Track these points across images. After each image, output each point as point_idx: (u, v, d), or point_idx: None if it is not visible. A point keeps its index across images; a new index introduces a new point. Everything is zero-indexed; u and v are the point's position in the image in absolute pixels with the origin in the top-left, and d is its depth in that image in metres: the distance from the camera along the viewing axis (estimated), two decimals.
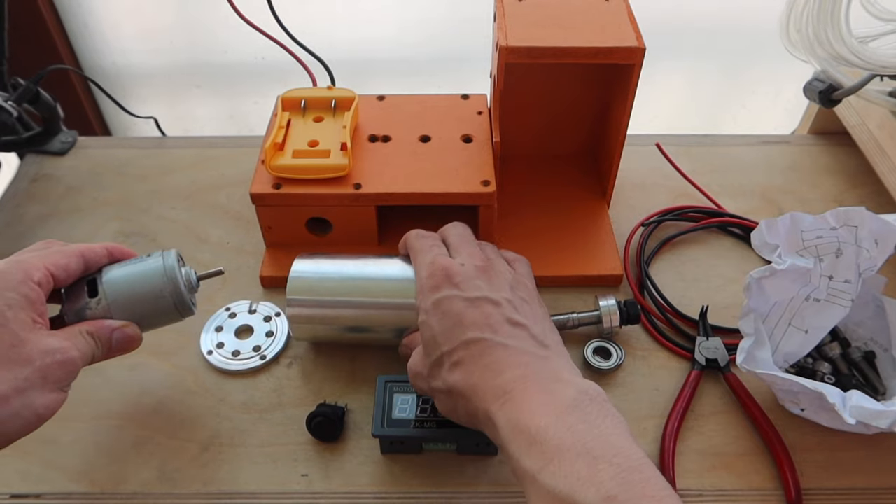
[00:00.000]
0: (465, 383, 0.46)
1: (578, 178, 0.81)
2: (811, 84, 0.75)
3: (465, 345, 0.47)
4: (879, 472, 0.58)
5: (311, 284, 0.60)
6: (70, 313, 0.51)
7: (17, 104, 0.79)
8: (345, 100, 0.74)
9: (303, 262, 0.62)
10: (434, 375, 0.49)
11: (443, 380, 0.48)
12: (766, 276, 0.59)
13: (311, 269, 0.61)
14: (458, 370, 0.47)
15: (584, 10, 0.68)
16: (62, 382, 0.45)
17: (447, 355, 0.48)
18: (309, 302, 0.60)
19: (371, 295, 0.59)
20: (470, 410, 0.46)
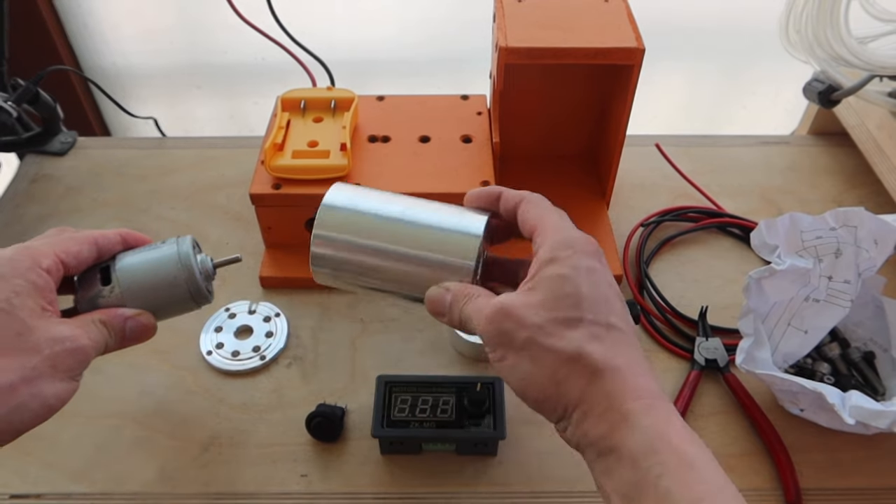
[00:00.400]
0: (605, 361, 0.40)
1: (578, 179, 0.81)
2: (810, 84, 0.76)
3: (608, 327, 0.41)
4: (879, 473, 0.58)
5: (346, 219, 0.49)
6: (83, 302, 0.49)
7: (16, 105, 0.79)
8: (344, 100, 0.74)
9: (341, 190, 0.50)
10: (556, 333, 0.40)
11: (573, 343, 0.40)
12: (765, 276, 0.59)
13: (349, 199, 0.49)
14: (598, 343, 0.40)
15: (583, 11, 0.68)
16: (73, 371, 0.43)
17: (590, 323, 0.41)
18: (341, 243, 0.48)
19: (421, 247, 0.47)
20: (579, 387, 0.40)
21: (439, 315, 0.46)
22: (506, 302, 0.42)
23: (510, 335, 0.41)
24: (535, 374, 0.41)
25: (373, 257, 0.48)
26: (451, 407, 0.57)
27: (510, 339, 0.41)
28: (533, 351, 0.41)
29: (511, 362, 0.41)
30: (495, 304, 0.42)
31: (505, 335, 0.41)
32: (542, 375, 0.41)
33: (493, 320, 0.42)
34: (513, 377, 0.41)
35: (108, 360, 0.54)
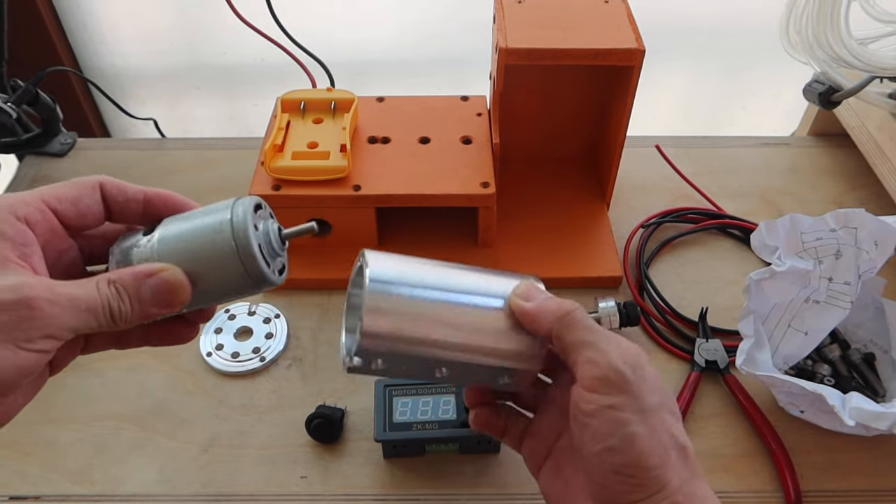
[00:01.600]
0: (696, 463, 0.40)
1: (578, 180, 0.81)
2: (811, 86, 0.75)
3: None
4: (879, 474, 0.58)
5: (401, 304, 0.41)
6: (115, 254, 0.39)
7: (16, 106, 0.79)
8: (344, 101, 0.74)
9: (381, 260, 0.42)
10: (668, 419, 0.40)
11: (681, 435, 0.40)
12: (765, 277, 0.59)
13: (397, 274, 0.42)
14: (688, 442, 0.40)
15: (583, 12, 0.68)
16: (13, 333, 0.32)
17: (679, 417, 0.41)
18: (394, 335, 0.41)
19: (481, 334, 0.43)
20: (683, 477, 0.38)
21: (526, 299, 0.42)
22: (644, 356, 0.40)
23: (642, 391, 0.38)
24: (649, 441, 0.38)
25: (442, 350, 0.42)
26: (452, 407, 0.57)
27: (640, 394, 0.38)
28: (656, 420, 0.38)
29: (628, 416, 0.38)
30: (636, 351, 0.40)
31: (637, 389, 0.38)
32: (655, 445, 0.38)
33: (636, 365, 0.39)
34: (619, 430, 0.38)
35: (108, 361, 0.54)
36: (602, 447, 0.38)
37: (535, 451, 0.46)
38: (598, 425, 0.38)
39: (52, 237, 0.37)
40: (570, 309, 0.41)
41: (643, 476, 0.38)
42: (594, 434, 0.38)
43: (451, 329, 0.42)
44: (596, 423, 0.38)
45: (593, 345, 0.40)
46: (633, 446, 0.38)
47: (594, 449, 0.38)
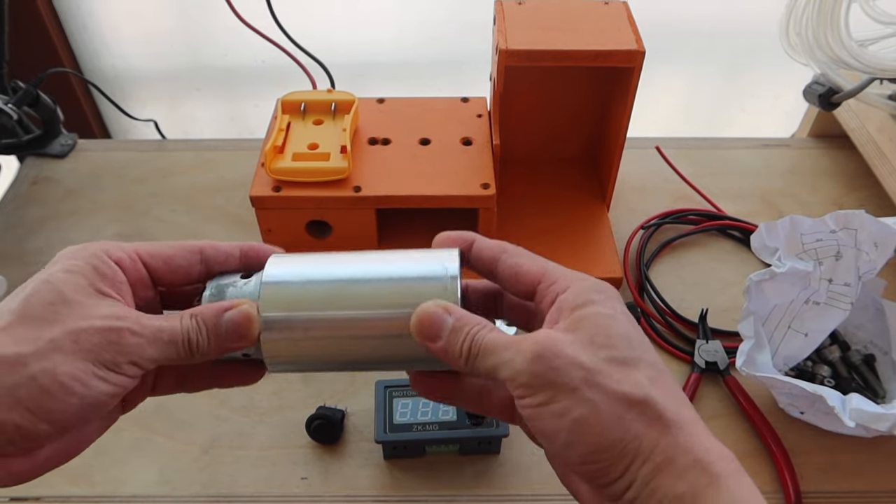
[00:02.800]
0: (673, 410, 0.36)
1: (578, 181, 0.81)
2: (811, 87, 0.76)
3: (661, 372, 0.38)
4: (879, 475, 0.58)
5: (292, 295, 0.39)
6: (210, 286, 0.40)
7: (16, 107, 0.79)
8: (344, 103, 0.74)
9: (278, 262, 0.41)
10: (615, 375, 0.36)
11: (639, 387, 0.36)
12: (765, 279, 0.59)
13: (290, 272, 0.40)
14: (660, 389, 0.36)
15: (583, 14, 0.68)
16: (101, 356, 0.35)
17: (648, 366, 0.37)
18: (292, 322, 0.39)
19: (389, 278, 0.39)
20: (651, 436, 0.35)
21: (431, 339, 0.38)
22: (547, 335, 0.36)
23: (562, 374, 0.35)
24: (596, 419, 0.35)
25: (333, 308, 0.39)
26: (452, 408, 0.57)
27: (562, 380, 0.35)
28: (593, 392, 0.35)
29: (563, 405, 0.35)
30: (539, 340, 0.36)
31: (556, 374, 0.35)
32: (604, 420, 0.35)
33: (539, 358, 0.35)
34: (562, 423, 0.35)
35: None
36: (558, 445, 0.36)
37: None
38: (542, 426, 0.36)
39: (138, 285, 0.40)
40: (468, 347, 0.37)
41: (608, 456, 0.35)
42: (545, 435, 0.36)
43: (351, 340, 0.39)
44: (540, 425, 0.36)
45: (500, 364, 0.37)
46: (584, 432, 0.35)
47: (554, 449, 0.36)
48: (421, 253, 0.41)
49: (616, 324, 0.38)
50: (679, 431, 0.35)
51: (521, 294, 0.40)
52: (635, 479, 0.34)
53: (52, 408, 0.34)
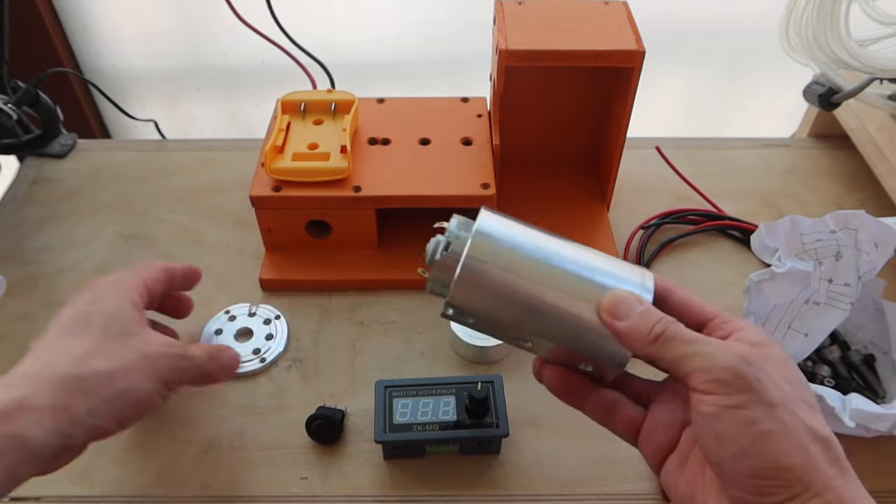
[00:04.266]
0: (843, 454, 0.38)
1: (578, 181, 0.81)
2: (811, 87, 0.76)
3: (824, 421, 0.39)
4: (879, 476, 0.58)
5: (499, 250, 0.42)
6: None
7: (16, 107, 0.79)
8: (344, 102, 0.74)
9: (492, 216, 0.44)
10: (803, 411, 0.37)
11: (822, 427, 0.37)
12: (765, 279, 0.59)
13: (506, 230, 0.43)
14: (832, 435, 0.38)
15: (583, 14, 0.68)
16: (165, 377, 0.46)
17: (819, 411, 0.39)
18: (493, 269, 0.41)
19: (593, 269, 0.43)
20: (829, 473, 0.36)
21: (618, 317, 0.40)
22: (753, 353, 0.38)
23: (765, 386, 0.36)
24: (784, 438, 0.36)
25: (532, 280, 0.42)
26: (452, 408, 0.57)
27: (765, 390, 0.36)
28: (787, 415, 0.36)
29: (755, 415, 0.36)
30: (745, 349, 0.38)
31: (759, 384, 0.36)
32: (791, 442, 0.36)
33: (747, 362, 0.36)
34: (749, 430, 0.35)
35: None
36: (734, 451, 0.36)
37: (656, 445, 0.43)
38: (723, 428, 0.36)
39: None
40: (662, 331, 0.39)
41: (784, 477, 0.35)
42: (721, 438, 0.36)
43: (538, 312, 0.42)
44: (720, 426, 0.36)
45: (697, 354, 0.38)
46: (767, 446, 0.35)
47: (725, 454, 0.36)
48: (619, 260, 0.45)
49: (798, 371, 0.39)
50: (851, 480, 0.36)
51: (687, 325, 0.41)
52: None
53: (130, 416, 0.45)
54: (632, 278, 0.43)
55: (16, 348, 0.67)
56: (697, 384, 0.37)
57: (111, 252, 0.75)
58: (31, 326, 0.68)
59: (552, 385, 0.45)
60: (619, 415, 0.44)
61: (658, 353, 0.39)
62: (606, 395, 0.44)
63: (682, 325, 0.39)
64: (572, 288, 0.42)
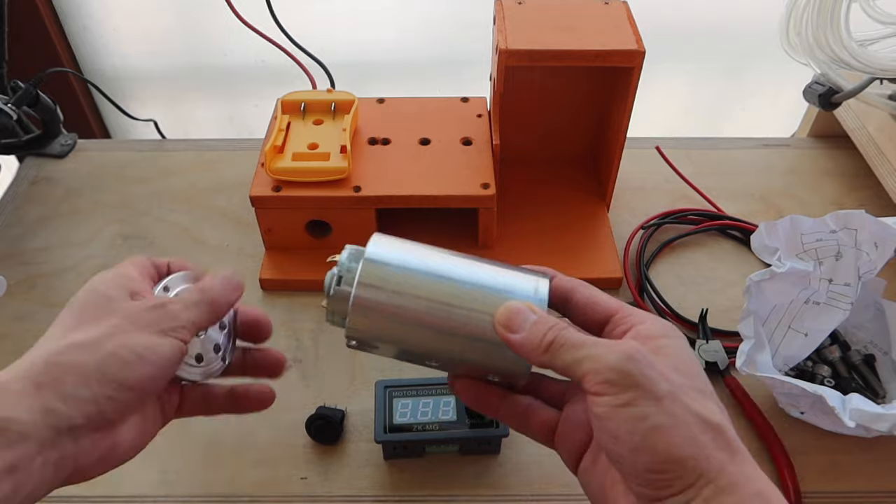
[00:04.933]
0: (738, 442, 0.38)
1: (578, 181, 0.81)
2: (811, 87, 0.76)
3: (722, 408, 0.39)
4: (879, 476, 0.58)
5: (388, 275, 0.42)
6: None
7: (16, 107, 0.79)
8: (344, 103, 0.74)
9: (379, 242, 0.45)
10: (696, 399, 0.38)
11: (714, 414, 0.38)
12: (765, 278, 0.59)
13: (394, 254, 0.44)
14: (725, 420, 0.38)
15: (583, 14, 0.68)
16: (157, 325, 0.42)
17: (715, 400, 0.39)
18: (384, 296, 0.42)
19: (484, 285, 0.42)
20: (720, 459, 0.36)
21: (512, 330, 0.40)
22: (640, 348, 0.38)
23: (652, 381, 0.37)
24: (674, 431, 0.36)
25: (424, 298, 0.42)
26: (451, 408, 0.57)
27: (651, 386, 0.37)
28: (676, 406, 0.37)
29: (644, 411, 0.36)
30: (632, 345, 0.38)
31: (645, 379, 0.37)
32: (681, 434, 0.36)
33: (632, 360, 0.37)
34: (639, 427, 0.36)
35: None
36: (628, 448, 0.36)
37: (571, 444, 0.44)
38: (615, 427, 0.37)
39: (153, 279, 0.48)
40: (552, 339, 0.39)
41: (677, 469, 0.36)
42: (616, 437, 0.37)
43: (435, 332, 0.42)
44: (613, 425, 0.37)
45: (585, 357, 0.38)
46: (658, 440, 0.36)
47: (621, 451, 0.37)
48: (516, 271, 0.44)
49: (693, 360, 0.40)
50: (744, 462, 0.37)
51: (591, 323, 0.43)
52: (695, 498, 0.35)
53: (133, 376, 0.40)
54: (525, 286, 0.42)
55: (16, 348, 0.67)
56: (589, 386, 0.38)
57: (111, 252, 0.75)
58: (31, 326, 0.68)
59: (465, 398, 0.45)
60: (533, 419, 0.44)
61: (551, 361, 0.39)
62: (519, 402, 0.45)
63: (573, 330, 0.40)
64: (467, 304, 0.41)
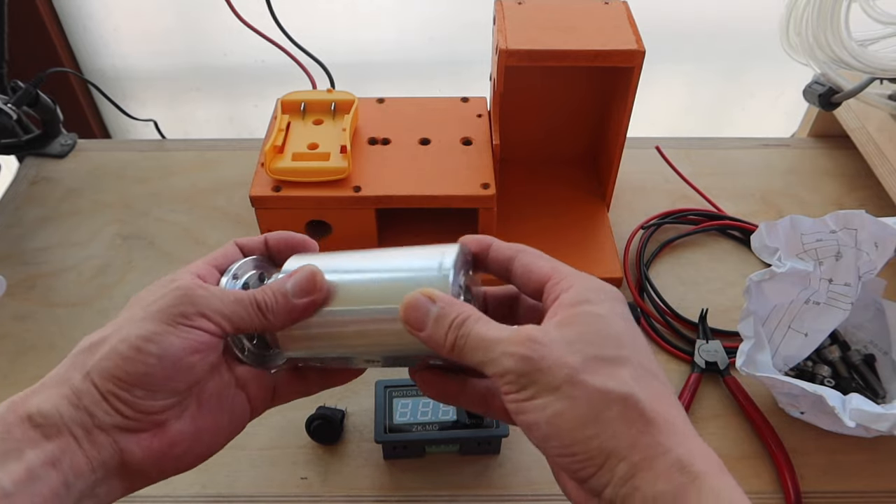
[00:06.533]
0: (656, 410, 0.35)
1: (578, 181, 0.81)
2: (811, 87, 0.76)
3: (652, 374, 0.37)
4: (879, 476, 0.58)
5: None
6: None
7: (16, 107, 0.79)
8: (344, 102, 0.74)
9: (296, 261, 0.45)
10: (601, 372, 0.36)
11: (622, 384, 0.35)
12: (765, 279, 0.59)
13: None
14: (646, 389, 0.36)
15: (583, 14, 0.68)
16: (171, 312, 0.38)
17: (636, 366, 0.37)
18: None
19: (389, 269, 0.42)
20: (630, 434, 0.35)
21: (417, 328, 0.39)
22: (535, 336, 0.36)
23: (545, 371, 0.35)
24: (573, 414, 0.35)
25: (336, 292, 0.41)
26: (451, 408, 0.57)
27: (545, 376, 0.35)
28: (574, 389, 0.35)
29: (542, 401, 0.35)
30: (525, 333, 0.36)
31: (538, 371, 0.35)
32: (581, 416, 0.35)
33: (526, 359, 0.36)
34: (542, 416, 0.35)
35: None
36: (539, 438, 0.36)
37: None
38: (526, 419, 0.36)
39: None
40: (454, 340, 0.38)
41: (584, 451, 0.35)
42: (528, 428, 0.36)
43: (360, 335, 0.41)
44: (524, 419, 0.36)
45: (487, 362, 0.37)
46: (561, 426, 0.35)
47: (536, 441, 0.36)
48: (424, 248, 0.42)
49: (608, 324, 0.38)
50: (659, 431, 0.34)
51: (532, 293, 0.41)
52: (612, 477, 0.34)
53: (133, 370, 0.37)
54: (430, 266, 0.40)
55: (16, 348, 0.67)
56: (499, 387, 0.37)
57: (111, 252, 0.75)
58: (31, 326, 0.68)
59: (426, 391, 0.44)
60: (493, 402, 0.43)
61: (462, 362, 0.38)
62: (477, 388, 0.44)
63: (475, 323, 0.38)
64: (377, 299, 0.40)
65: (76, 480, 0.36)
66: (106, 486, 0.38)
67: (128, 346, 0.37)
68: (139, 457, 0.38)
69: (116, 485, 0.38)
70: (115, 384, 0.37)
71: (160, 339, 0.37)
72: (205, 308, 0.39)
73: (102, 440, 0.37)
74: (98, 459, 0.36)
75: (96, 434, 0.36)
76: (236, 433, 0.45)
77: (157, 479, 0.40)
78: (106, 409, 0.37)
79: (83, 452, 0.36)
